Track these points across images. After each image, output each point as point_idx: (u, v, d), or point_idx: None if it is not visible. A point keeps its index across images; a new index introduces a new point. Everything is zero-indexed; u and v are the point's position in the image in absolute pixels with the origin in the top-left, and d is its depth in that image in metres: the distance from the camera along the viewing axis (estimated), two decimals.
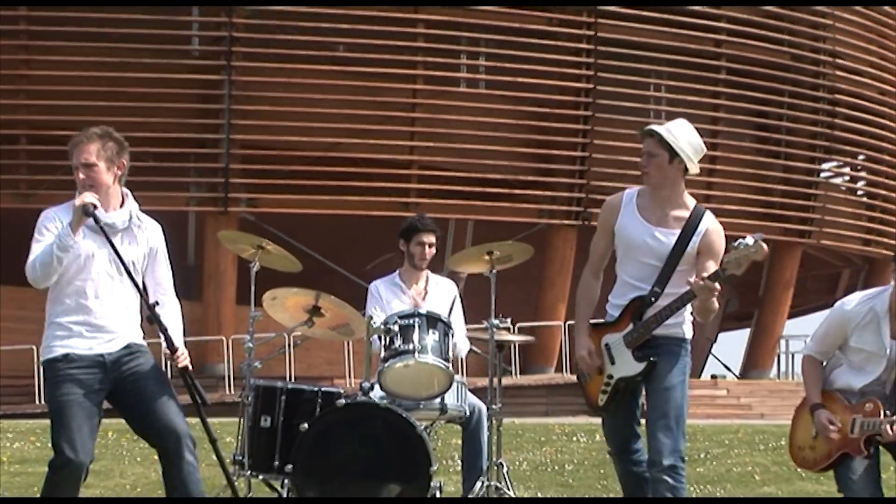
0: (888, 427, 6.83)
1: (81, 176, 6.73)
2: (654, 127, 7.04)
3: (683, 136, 7.03)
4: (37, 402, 25.17)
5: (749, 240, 6.75)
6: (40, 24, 28.83)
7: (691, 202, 7.11)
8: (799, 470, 12.66)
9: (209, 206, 29.17)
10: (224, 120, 29.10)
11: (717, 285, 6.82)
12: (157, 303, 6.75)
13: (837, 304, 7.28)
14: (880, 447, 7.04)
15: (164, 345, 6.69)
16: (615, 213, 7.17)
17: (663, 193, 7.08)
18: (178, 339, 6.81)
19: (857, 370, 7.10)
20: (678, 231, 7.05)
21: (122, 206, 6.85)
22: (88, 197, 6.58)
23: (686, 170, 7.03)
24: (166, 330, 6.66)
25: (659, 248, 7.06)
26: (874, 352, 7.02)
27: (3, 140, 28.28)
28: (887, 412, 6.88)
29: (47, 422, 6.94)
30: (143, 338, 6.91)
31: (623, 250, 7.17)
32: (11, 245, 7.40)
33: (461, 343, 9.14)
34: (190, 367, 6.75)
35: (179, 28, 30.30)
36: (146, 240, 6.91)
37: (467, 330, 9.43)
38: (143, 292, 6.71)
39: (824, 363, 7.24)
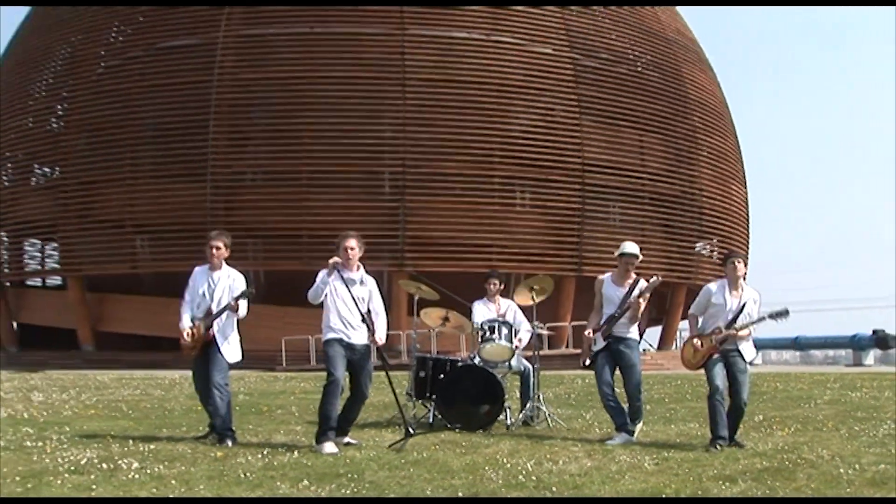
0: (721, 334, 6.96)
1: (345, 252, 6.98)
2: (636, 251, 7.58)
3: (640, 250, 7.63)
4: (311, 363, 25.45)
5: (654, 279, 7.40)
6: (313, 182, 29.28)
7: (633, 275, 7.56)
8: (687, 395, 12.58)
9: (393, 268, 29.05)
10: (401, 224, 29.26)
11: (640, 301, 7.37)
12: (368, 312, 6.89)
13: (706, 286, 7.34)
14: (726, 366, 7.04)
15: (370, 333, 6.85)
16: (601, 286, 7.59)
17: (625, 274, 7.55)
18: (380, 332, 6.91)
19: (714, 318, 7.11)
20: (627, 287, 7.51)
21: (358, 269, 7.07)
22: (335, 259, 6.87)
23: None
24: (371, 325, 6.83)
25: (619, 296, 7.50)
26: (721, 304, 7.07)
27: (293, 235, 28.70)
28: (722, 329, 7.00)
29: (318, 373, 7.12)
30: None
31: (605, 301, 7.54)
32: (302, 290, 7.59)
33: (524, 335, 8.97)
34: (381, 344, 6.89)
35: (377, 180, 30.42)
36: (368, 288, 7.12)
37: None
38: (359, 309, 6.83)
39: (699, 318, 7.22)
